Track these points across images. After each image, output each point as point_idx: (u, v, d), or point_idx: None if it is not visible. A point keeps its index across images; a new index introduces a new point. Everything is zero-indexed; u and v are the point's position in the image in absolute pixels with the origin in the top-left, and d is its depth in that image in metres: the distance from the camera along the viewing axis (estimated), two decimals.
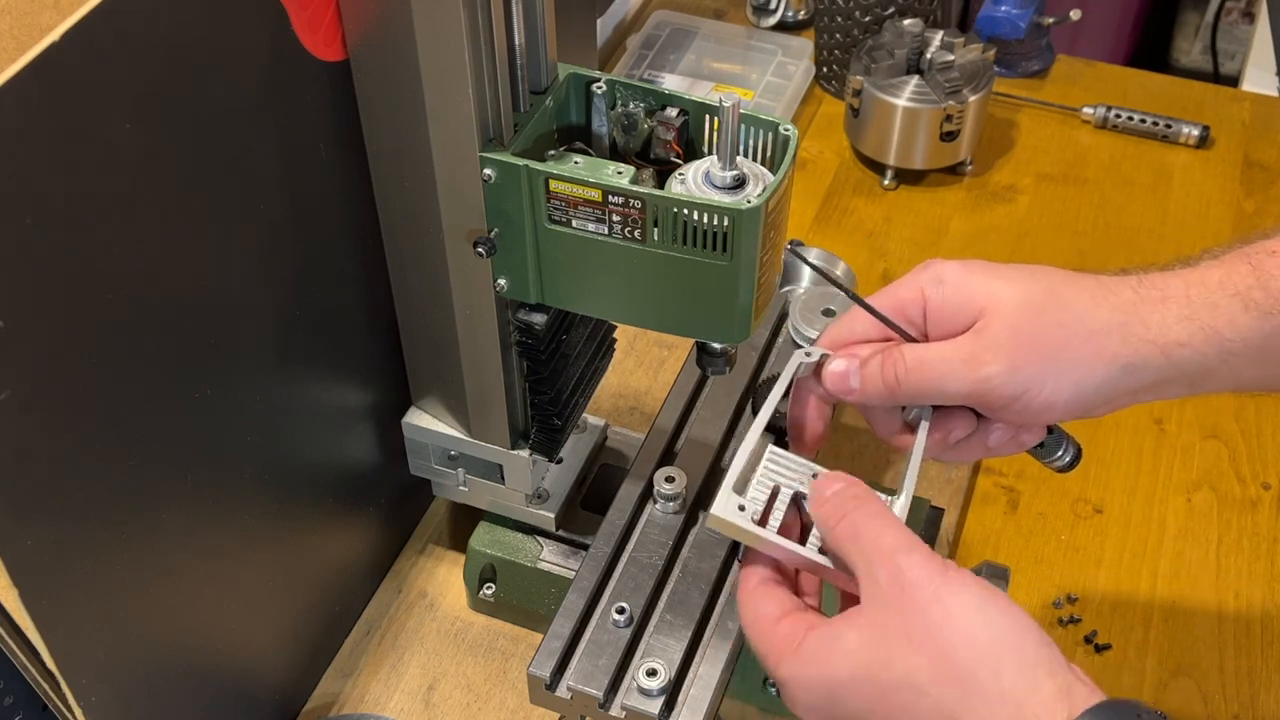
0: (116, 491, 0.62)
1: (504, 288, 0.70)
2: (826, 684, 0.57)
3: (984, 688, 0.53)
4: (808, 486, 0.64)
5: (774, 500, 0.64)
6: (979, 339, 0.62)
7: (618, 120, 0.69)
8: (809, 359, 0.68)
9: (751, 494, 0.64)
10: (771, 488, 0.64)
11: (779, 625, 0.60)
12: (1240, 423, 1.03)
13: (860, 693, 0.56)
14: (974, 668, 0.54)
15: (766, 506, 0.63)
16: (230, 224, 0.65)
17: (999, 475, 0.99)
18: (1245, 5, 2.16)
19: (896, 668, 0.55)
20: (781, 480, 0.65)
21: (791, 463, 0.65)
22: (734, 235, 0.63)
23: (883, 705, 0.55)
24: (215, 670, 0.75)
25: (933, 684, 0.54)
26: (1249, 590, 0.92)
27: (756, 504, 0.63)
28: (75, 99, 0.53)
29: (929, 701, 0.54)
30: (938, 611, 0.55)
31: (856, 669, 0.56)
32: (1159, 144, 1.28)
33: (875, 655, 0.56)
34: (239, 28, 0.62)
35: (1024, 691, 0.53)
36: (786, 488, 0.64)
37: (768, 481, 0.64)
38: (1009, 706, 0.53)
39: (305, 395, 0.76)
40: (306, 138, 0.69)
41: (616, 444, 0.91)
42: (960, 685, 0.54)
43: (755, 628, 0.61)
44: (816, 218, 1.21)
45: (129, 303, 0.59)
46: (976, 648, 0.54)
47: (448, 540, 0.94)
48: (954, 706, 0.54)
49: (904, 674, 0.55)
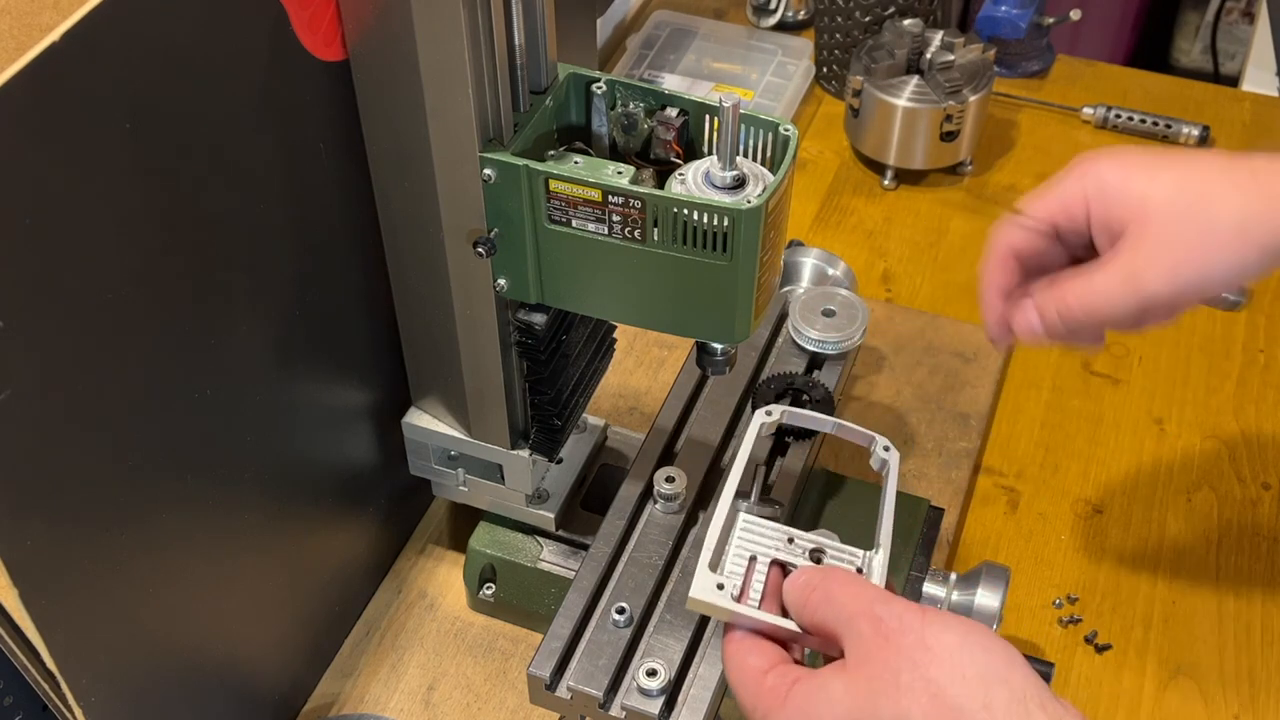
0: (116, 491, 0.62)
1: (504, 288, 0.70)
2: None
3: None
4: (784, 551, 0.64)
5: (751, 570, 0.64)
6: (1136, 255, 0.66)
7: (618, 120, 0.69)
8: (769, 418, 0.71)
9: (729, 568, 0.64)
10: (748, 557, 0.64)
11: (765, 678, 0.60)
12: (1240, 423, 1.03)
13: None
14: (964, 702, 0.54)
15: (745, 577, 0.63)
16: (229, 224, 0.65)
17: (999, 475, 0.99)
18: (1245, 5, 2.16)
19: (884, 711, 0.55)
20: (758, 548, 0.65)
21: (765, 529, 0.66)
22: (734, 235, 0.63)
23: None
24: (215, 670, 0.75)
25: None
26: (1249, 590, 0.92)
27: (735, 578, 0.63)
28: (75, 99, 0.53)
29: None
30: (923, 653, 0.55)
31: (842, 715, 0.56)
32: (1159, 144, 1.28)
33: (863, 702, 0.55)
34: (239, 28, 0.62)
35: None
36: (764, 555, 0.64)
37: (744, 551, 0.64)
38: None
39: (305, 395, 0.76)
40: (306, 138, 0.69)
41: (616, 444, 0.91)
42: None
43: (741, 680, 0.61)
44: (816, 218, 1.21)
45: (129, 303, 0.59)
46: (966, 683, 0.54)
47: (448, 540, 0.94)
48: None
49: (892, 716, 0.54)
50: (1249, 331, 1.10)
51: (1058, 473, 0.99)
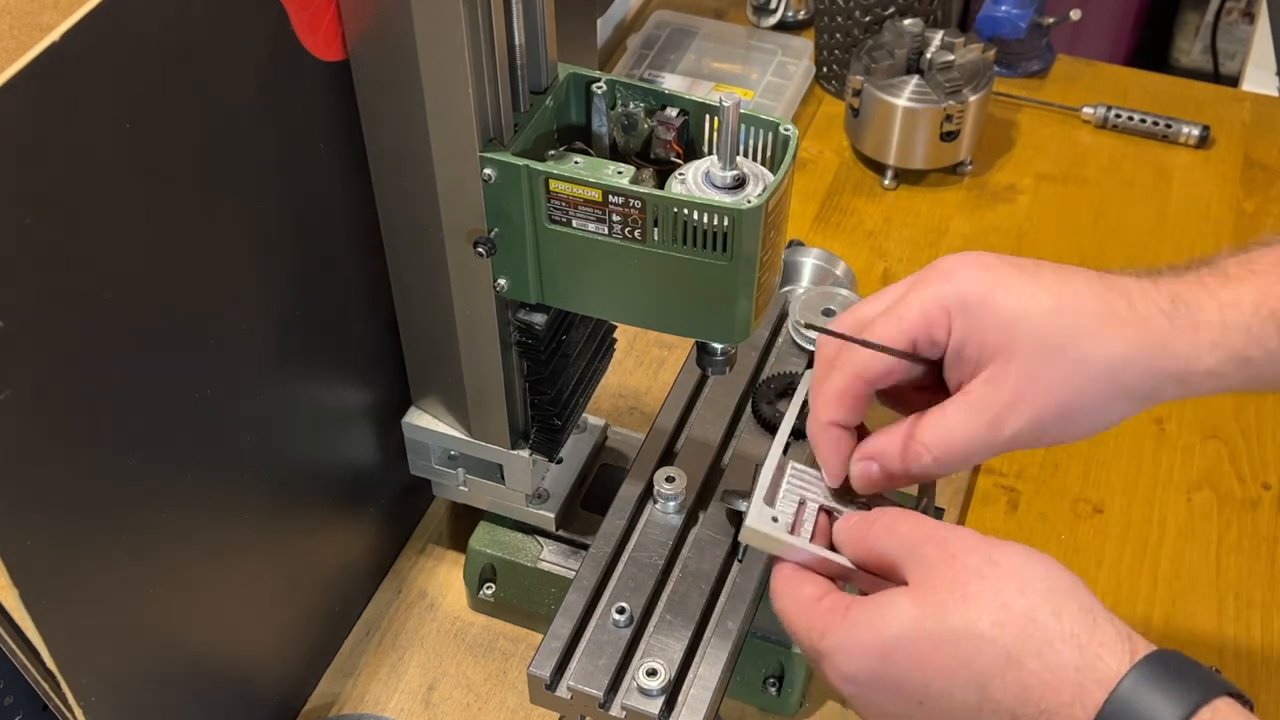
0: (116, 491, 0.62)
1: (504, 288, 0.70)
2: (878, 645, 0.56)
3: (1046, 628, 0.53)
4: (832, 499, 0.65)
5: (801, 512, 0.65)
6: (999, 394, 0.60)
7: (618, 120, 0.69)
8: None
9: (780, 507, 0.65)
10: (798, 500, 0.65)
11: (820, 603, 0.60)
12: (1240, 423, 1.03)
13: (913, 650, 0.55)
14: (1034, 611, 0.54)
15: (795, 518, 0.64)
16: (230, 224, 0.65)
17: (999, 475, 0.99)
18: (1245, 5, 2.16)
19: (953, 619, 0.54)
20: (807, 494, 0.66)
21: (815, 478, 0.66)
22: (734, 235, 0.63)
23: (937, 659, 0.55)
24: (215, 670, 0.75)
25: (992, 628, 0.54)
26: (1249, 590, 0.92)
27: (786, 516, 0.64)
28: (75, 99, 0.53)
29: (989, 648, 0.54)
30: (990, 567, 0.55)
31: (909, 627, 0.55)
32: (1159, 144, 1.28)
33: (930, 610, 0.55)
34: (239, 28, 0.62)
35: (1086, 632, 0.53)
36: (812, 501, 0.65)
37: (794, 496, 0.65)
38: (1071, 646, 0.53)
39: (305, 395, 0.76)
40: (306, 138, 0.69)
41: (616, 444, 0.91)
42: (1020, 626, 0.53)
43: (795, 608, 0.60)
44: (816, 218, 1.21)
45: (129, 303, 0.59)
46: (1035, 593, 0.54)
47: (448, 540, 0.94)
48: (1015, 647, 0.53)
49: (962, 624, 0.54)
50: None
51: (1058, 473, 0.99)
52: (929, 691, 0.55)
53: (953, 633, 0.54)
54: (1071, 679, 0.52)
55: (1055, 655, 0.53)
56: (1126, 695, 0.51)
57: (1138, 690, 0.51)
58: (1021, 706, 0.53)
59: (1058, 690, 0.52)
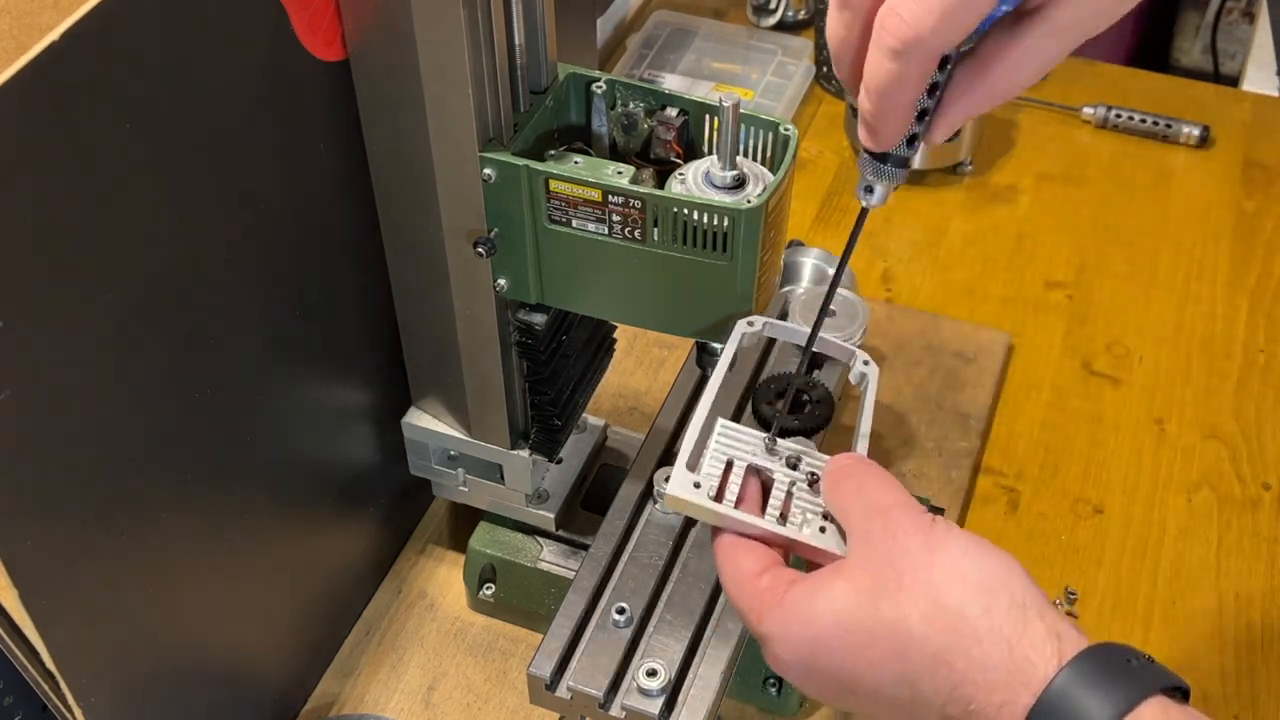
0: (116, 492, 0.62)
1: (504, 288, 0.70)
2: (811, 636, 0.56)
3: (975, 626, 0.53)
4: (761, 458, 0.63)
5: (728, 474, 0.63)
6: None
7: (618, 120, 0.69)
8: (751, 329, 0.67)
9: (705, 470, 0.62)
10: (725, 461, 0.63)
11: (760, 580, 0.59)
12: (1240, 423, 1.03)
13: (846, 641, 0.55)
14: (964, 607, 0.53)
15: (721, 481, 0.62)
16: (229, 224, 0.65)
17: (999, 475, 0.99)
18: (1245, 5, 2.16)
19: (885, 612, 0.54)
20: (735, 453, 0.63)
21: (744, 435, 0.64)
22: (734, 235, 0.63)
23: (869, 653, 0.55)
24: (215, 670, 0.75)
25: (922, 624, 0.53)
26: (1249, 590, 0.92)
27: (711, 479, 0.62)
28: (75, 99, 0.53)
29: (918, 644, 0.53)
30: (926, 555, 0.55)
31: (842, 616, 0.55)
32: (1159, 144, 1.28)
33: (863, 601, 0.55)
34: (238, 28, 0.62)
35: (1014, 630, 0.52)
36: (740, 460, 0.63)
37: (720, 456, 0.63)
38: (1000, 645, 0.52)
39: (305, 395, 0.76)
40: (306, 138, 0.69)
41: (616, 444, 0.91)
42: (951, 624, 0.53)
43: (735, 583, 0.60)
44: (816, 218, 1.21)
45: (128, 303, 0.59)
46: (966, 587, 0.54)
47: (448, 540, 0.94)
48: (944, 646, 0.53)
49: (893, 618, 0.54)
50: (1249, 331, 1.10)
51: (1058, 473, 0.99)
52: (861, 684, 0.55)
53: (884, 625, 0.54)
54: (1002, 680, 0.52)
55: (984, 655, 0.52)
56: (1054, 699, 0.51)
57: (1066, 693, 0.51)
58: (951, 705, 0.53)
59: (989, 691, 0.52)
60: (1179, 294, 1.14)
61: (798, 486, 0.62)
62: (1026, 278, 1.15)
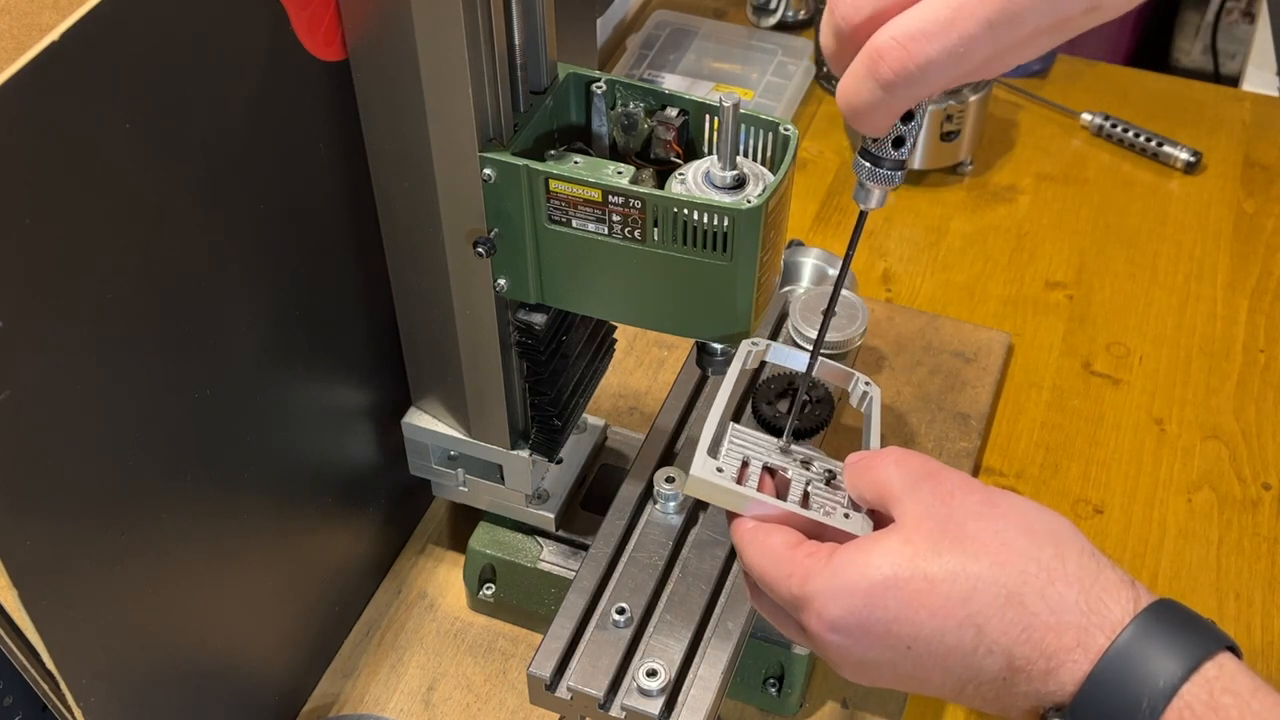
0: (116, 491, 0.62)
1: (504, 288, 0.70)
2: (865, 586, 0.53)
3: (1048, 568, 0.51)
4: (776, 458, 0.63)
5: (744, 472, 0.63)
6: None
7: (618, 120, 0.69)
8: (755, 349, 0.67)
9: (723, 462, 0.62)
10: (741, 461, 0.63)
11: (798, 549, 0.56)
12: (1240, 423, 1.03)
13: (905, 589, 0.52)
14: (1036, 551, 0.52)
15: (739, 475, 0.62)
16: (230, 224, 0.65)
17: (999, 475, 0.99)
18: (1245, 5, 2.16)
19: (948, 557, 0.52)
20: (750, 454, 0.64)
21: (758, 439, 0.65)
22: (734, 235, 0.63)
23: (930, 598, 0.52)
24: (215, 670, 0.75)
25: (992, 567, 0.51)
26: (1249, 590, 0.92)
27: (731, 469, 0.62)
28: (75, 99, 0.53)
29: (987, 585, 0.51)
30: (989, 508, 0.53)
31: (901, 565, 0.52)
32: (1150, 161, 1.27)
33: (923, 550, 0.52)
34: (239, 27, 0.62)
35: (1088, 575, 0.52)
36: (756, 460, 0.63)
37: (736, 456, 0.63)
38: (1074, 587, 0.51)
39: (305, 395, 0.76)
40: (306, 138, 0.69)
41: (616, 444, 0.91)
42: (1022, 566, 0.51)
43: (768, 558, 0.57)
44: (816, 218, 1.21)
45: (128, 303, 0.59)
46: (1035, 534, 0.53)
47: (448, 540, 0.94)
48: (1017, 586, 0.51)
49: (958, 562, 0.52)
50: (1249, 331, 1.10)
51: (1058, 473, 0.99)
52: (919, 634, 0.52)
53: (948, 570, 0.52)
54: (1075, 622, 0.51)
55: (1059, 597, 0.51)
56: (1129, 643, 0.50)
57: (1141, 639, 0.50)
58: (1020, 647, 0.51)
59: (1060, 633, 0.51)
60: (1179, 294, 1.14)
61: (814, 485, 0.62)
62: (1026, 278, 1.15)
